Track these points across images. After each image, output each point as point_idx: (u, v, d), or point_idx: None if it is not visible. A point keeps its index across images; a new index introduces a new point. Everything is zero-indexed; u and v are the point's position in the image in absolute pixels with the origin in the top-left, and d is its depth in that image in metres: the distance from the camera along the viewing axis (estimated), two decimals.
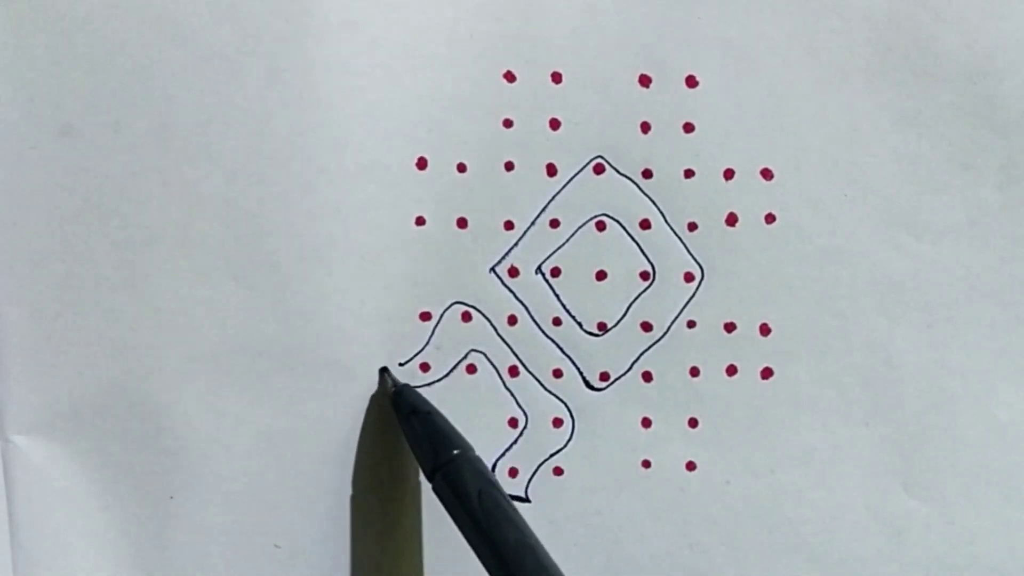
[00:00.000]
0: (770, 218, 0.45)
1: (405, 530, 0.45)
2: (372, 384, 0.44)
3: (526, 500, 0.46)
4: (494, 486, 0.42)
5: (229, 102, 0.42)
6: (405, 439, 0.44)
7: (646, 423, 0.46)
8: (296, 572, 0.45)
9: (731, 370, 0.46)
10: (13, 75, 0.41)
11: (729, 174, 0.44)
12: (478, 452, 0.45)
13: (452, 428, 0.43)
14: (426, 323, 0.44)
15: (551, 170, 0.44)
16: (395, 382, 0.44)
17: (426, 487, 0.44)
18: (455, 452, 0.42)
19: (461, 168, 0.43)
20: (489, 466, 0.45)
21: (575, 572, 0.46)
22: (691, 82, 0.44)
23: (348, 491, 0.45)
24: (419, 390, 0.44)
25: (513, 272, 0.44)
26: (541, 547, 0.41)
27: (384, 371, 0.44)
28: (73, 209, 0.42)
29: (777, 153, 0.44)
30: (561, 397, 0.45)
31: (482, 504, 0.41)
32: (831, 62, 0.43)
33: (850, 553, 0.46)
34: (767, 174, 0.44)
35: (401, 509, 0.45)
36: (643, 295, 0.45)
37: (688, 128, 0.44)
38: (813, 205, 0.44)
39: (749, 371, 0.46)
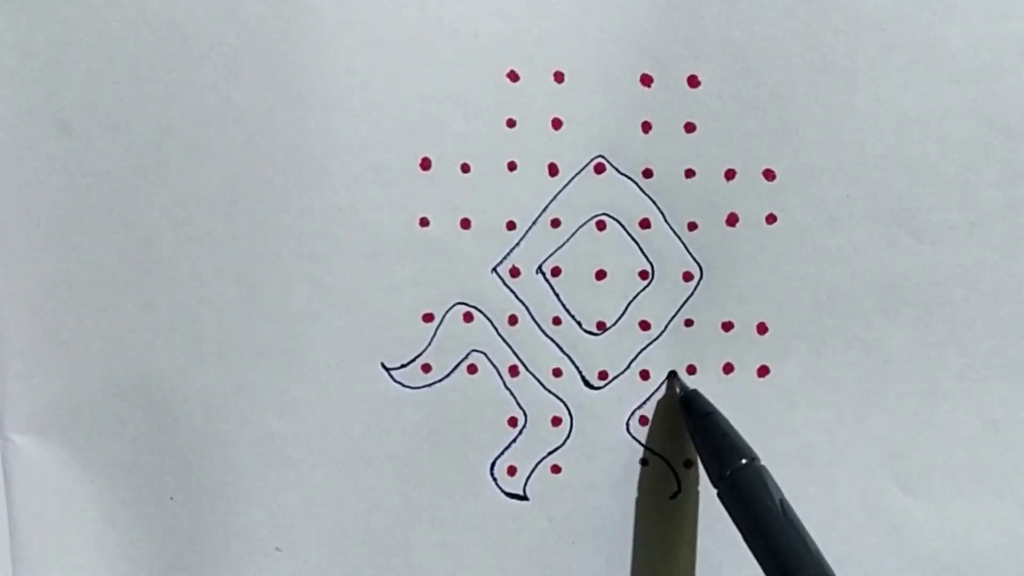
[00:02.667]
0: (771, 218, 0.44)
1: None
2: (373, 385, 0.44)
3: (524, 498, 0.46)
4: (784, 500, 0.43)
5: (229, 101, 0.41)
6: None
7: (644, 421, 0.46)
8: (296, 574, 0.45)
9: (728, 368, 0.46)
10: (13, 74, 0.41)
11: (731, 174, 0.44)
12: (477, 451, 0.45)
13: (740, 437, 0.44)
14: (428, 324, 0.44)
15: (553, 170, 0.44)
16: (684, 387, 0.45)
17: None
18: (743, 461, 0.43)
19: (464, 168, 0.43)
20: (488, 465, 0.45)
21: (573, 570, 0.46)
22: (693, 82, 0.43)
23: (347, 493, 0.45)
24: (419, 391, 0.44)
25: (514, 272, 0.44)
26: (830, 568, 0.41)
27: (673, 375, 0.45)
28: (73, 209, 0.42)
29: (780, 154, 0.44)
30: (560, 396, 0.45)
31: (785, 512, 0.42)
32: (836, 62, 0.43)
33: (846, 550, 0.47)
34: (769, 175, 0.44)
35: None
36: (642, 294, 0.45)
37: (689, 128, 0.44)
38: (815, 206, 0.44)
39: (746, 369, 0.46)
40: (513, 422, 0.45)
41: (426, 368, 0.44)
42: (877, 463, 0.47)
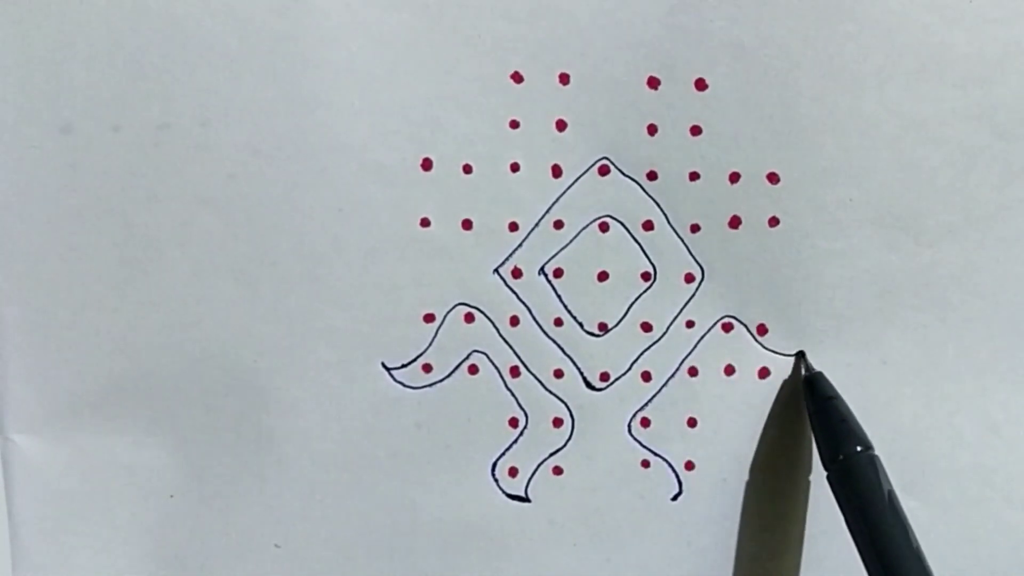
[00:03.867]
0: (773, 221, 0.44)
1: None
2: (374, 385, 0.44)
3: (526, 499, 0.46)
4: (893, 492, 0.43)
5: (229, 101, 0.41)
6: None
7: (645, 423, 0.46)
8: (296, 572, 0.45)
9: (729, 370, 0.46)
10: (13, 74, 0.41)
11: (735, 177, 0.44)
12: (478, 452, 0.45)
13: (858, 424, 0.44)
14: (429, 324, 0.44)
15: (556, 171, 0.44)
16: (809, 367, 0.45)
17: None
18: (859, 448, 0.43)
19: (467, 169, 0.43)
20: (489, 465, 0.45)
21: (574, 571, 0.46)
22: (700, 85, 0.43)
23: (347, 493, 0.45)
24: (420, 391, 0.44)
25: (516, 273, 0.44)
26: (929, 567, 0.42)
27: (801, 355, 0.45)
28: (73, 209, 0.42)
29: (784, 157, 0.44)
30: (561, 397, 0.45)
31: (893, 504, 0.42)
32: (843, 66, 0.43)
33: (850, 553, 0.46)
34: (773, 178, 0.44)
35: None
36: (643, 296, 0.45)
37: (695, 131, 0.43)
38: (817, 208, 0.44)
39: (747, 370, 0.46)
40: (514, 423, 0.45)
41: (427, 368, 0.44)
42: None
